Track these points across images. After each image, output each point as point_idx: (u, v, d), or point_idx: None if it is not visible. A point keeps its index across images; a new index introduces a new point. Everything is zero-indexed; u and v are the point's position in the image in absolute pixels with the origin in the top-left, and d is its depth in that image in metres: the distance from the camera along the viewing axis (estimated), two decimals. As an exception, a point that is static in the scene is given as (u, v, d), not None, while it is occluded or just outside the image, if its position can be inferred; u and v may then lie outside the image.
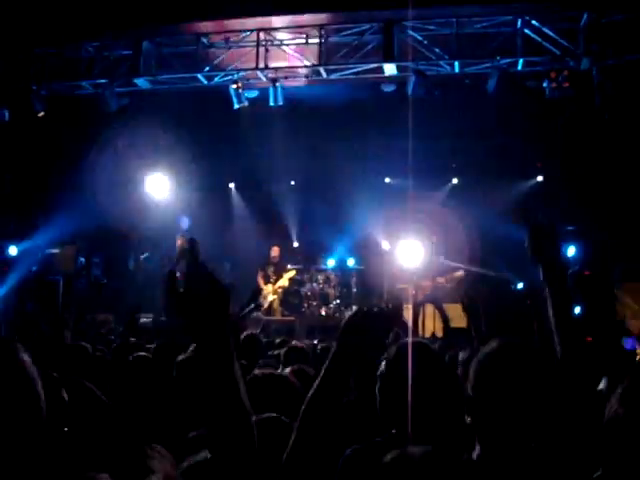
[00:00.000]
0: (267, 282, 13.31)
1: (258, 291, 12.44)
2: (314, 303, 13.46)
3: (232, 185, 16.62)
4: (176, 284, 1.79)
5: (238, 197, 16.44)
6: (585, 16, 10.49)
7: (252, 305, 10.03)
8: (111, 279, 13.81)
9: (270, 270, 13.41)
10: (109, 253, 14.14)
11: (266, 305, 13.11)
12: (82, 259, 13.62)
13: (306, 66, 11.66)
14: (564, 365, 2.43)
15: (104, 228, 13.39)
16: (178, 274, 1.79)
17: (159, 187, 14.29)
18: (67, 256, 13.44)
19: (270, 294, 13.17)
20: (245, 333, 5.37)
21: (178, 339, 5.19)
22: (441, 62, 11.19)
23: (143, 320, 10.82)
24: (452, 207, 13.77)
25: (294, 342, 5.85)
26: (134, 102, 12.48)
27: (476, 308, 4.66)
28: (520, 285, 13.50)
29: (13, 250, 13.07)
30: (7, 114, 12.45)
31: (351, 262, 14.34)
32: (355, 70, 11.58)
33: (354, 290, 13.41)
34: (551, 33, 10.66)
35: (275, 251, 13.70)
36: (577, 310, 11.38)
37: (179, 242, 12.77)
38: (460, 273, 11.69)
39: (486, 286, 12.99)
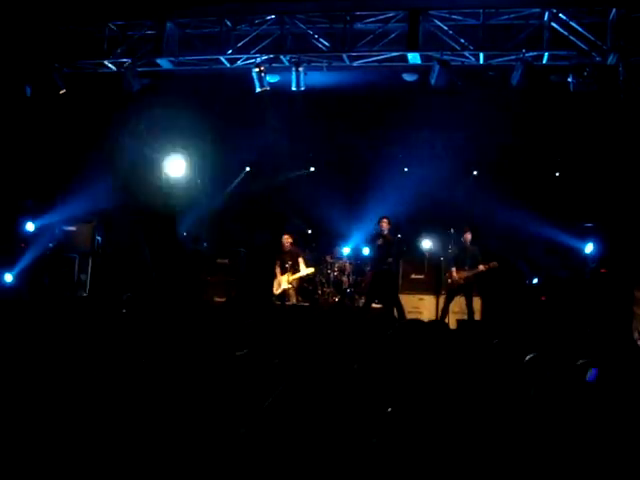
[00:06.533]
0: (283, 272, 13.25)
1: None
2: (328, 290, 13.46)
3: (248, 169, 16.59)
4: None
5: (254, 181, 16.37)
6: (613, 11, 10.37)
7: None
8: (127, 258, 13.81)
9: (286, 259, 13.30)
10: (126, 232, 14.17)
11: (279, 291, 13.13)
12: (99, 237, 13.66)
13: (329, 52, 11.59)
14: None
15: (122, 207, 13.46)
16: None
17: (177, 168, 14.33)
18: (84, 234, 13.50)
19: (285, 283, 13.16)
20: None
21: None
22: (466, 53, 11.09)
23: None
24: (472, 198, 13.73)
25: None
26: (155, 82, 12.47)
27: None
28: (535, 280, 13.48)
29: (30, 226, 13.14)
30: (29, 91, 12.47)
31: (366, 251, 14.30)
32: (378, 58, 11.50)
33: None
34: (578, 27, 10.54)
35: (286, 239, 13.47)
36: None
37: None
38: (482, 267, 11.70)
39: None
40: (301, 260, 13.29)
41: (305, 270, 13.16)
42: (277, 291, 13.23)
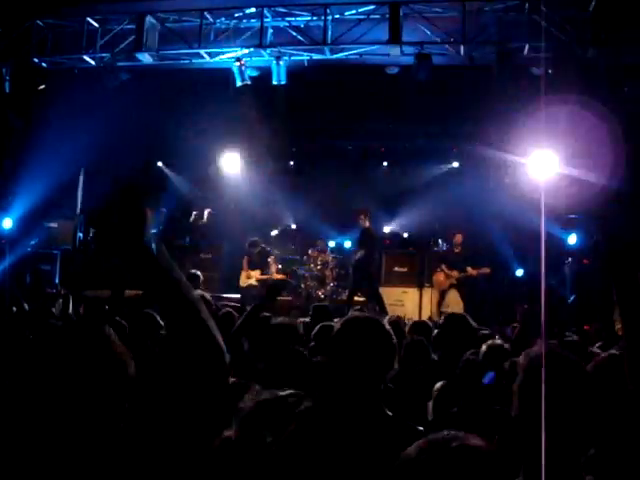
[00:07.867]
0: (252, 267, 13.13)
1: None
2: (311, 284, 13.43)
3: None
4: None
5: (236, 177, 16.18)
6: (593, 3, 10.37)
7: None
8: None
9: (256, 255, 13.15)
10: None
11: (245, 284, 13.04)
12: (80, 234, 13.56)
13: (310, 45, 11.54)
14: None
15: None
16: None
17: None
18: (66, 231, 13.39)
19: (253, 279, 13.06)
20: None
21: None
22: (447, 46, 11.08)
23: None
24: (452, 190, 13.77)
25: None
26: (135, 78, 12.35)
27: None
28: (519, 272, 13.48)
29: (7, 222, 12.86)
30: (8, 86, 12.35)
31: (348, 244, 14.32)
32: (359, 51, 11.46)
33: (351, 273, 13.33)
34: (559, 20, 10.54)
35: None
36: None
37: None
38: (471, 271, 11.78)
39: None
40: (271, 260, 13.21)
41: (275, 275, 13.10)
42: (243, 284, 13.15)
